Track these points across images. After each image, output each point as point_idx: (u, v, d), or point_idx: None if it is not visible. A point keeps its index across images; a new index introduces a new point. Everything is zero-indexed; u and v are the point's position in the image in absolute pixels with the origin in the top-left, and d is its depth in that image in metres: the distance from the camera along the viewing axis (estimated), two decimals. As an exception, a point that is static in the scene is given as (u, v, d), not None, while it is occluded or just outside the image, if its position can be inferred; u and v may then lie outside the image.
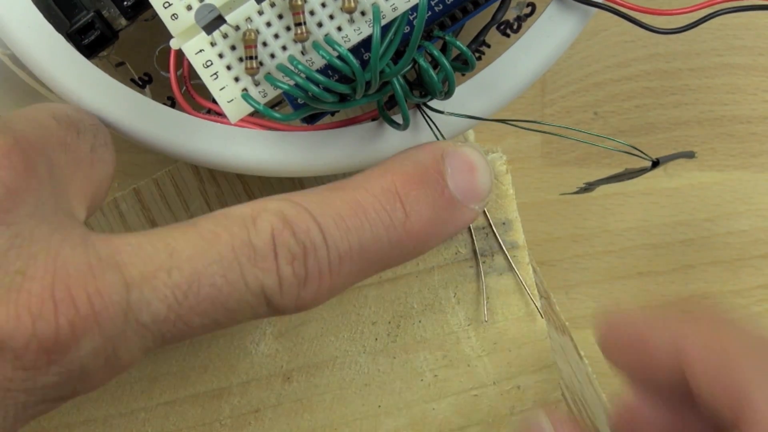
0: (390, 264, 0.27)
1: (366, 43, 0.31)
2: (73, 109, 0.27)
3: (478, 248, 0.36)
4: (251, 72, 0.29)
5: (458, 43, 0.32)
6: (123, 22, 0.32)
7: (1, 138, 0.22)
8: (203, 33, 0.28)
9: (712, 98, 0.43)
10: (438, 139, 0.34)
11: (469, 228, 0.36)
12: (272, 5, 0.29)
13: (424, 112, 0.34)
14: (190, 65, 0.29)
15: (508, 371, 0.36)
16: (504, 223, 0.37)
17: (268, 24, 0.29)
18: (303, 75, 0.29)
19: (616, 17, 0.43)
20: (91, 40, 0.31)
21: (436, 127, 0.34)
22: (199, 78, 0.28)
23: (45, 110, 0.25)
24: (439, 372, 0.36)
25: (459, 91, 0.34)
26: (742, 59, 0.43)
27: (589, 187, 0.37)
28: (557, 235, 0.44)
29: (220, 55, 0.28)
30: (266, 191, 0.40)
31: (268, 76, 0.29)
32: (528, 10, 0.36)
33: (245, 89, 0.29)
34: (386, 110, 0.33)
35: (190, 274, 0.22)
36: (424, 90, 0.33)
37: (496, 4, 0.34)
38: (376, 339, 0.35)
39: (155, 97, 0.33)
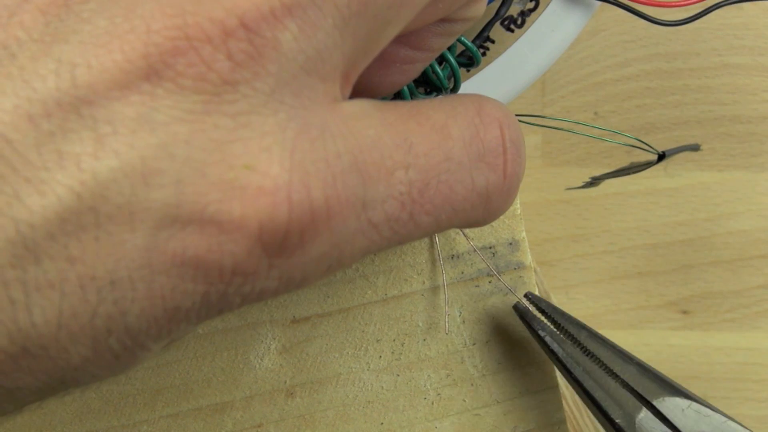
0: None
1: (372, 42, 0.31)
2: None
3: (483, 268, 0.36)
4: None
5: (464, 39, 0.32)
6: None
7: (221, 13, 0.18)
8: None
9: (712, 98, 0.43)
10: None
11: (475, 248, 0.36)
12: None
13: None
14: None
15: (511, 391, 0.36)
16: (511, 243, 0.36)
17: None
18: None
19: (616, 17, 0.43)
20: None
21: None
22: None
23: None
24: (443, 391, 0.36)
25: (464, 87, 0.34)
26: (742, 59, 0.43)
27: (594, 182, 0.37)
28: (557, 235, 0.44)
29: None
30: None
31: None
32: (531, 5, 0.36)
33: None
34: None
35: (426, 170, 0.21)
36: (429, 87, 0.33)
37: (500, 0, 0.34)
38: (380, 356, 0.35)
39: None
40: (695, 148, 0.37)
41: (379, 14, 0.20)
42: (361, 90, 0.25)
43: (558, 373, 0.36)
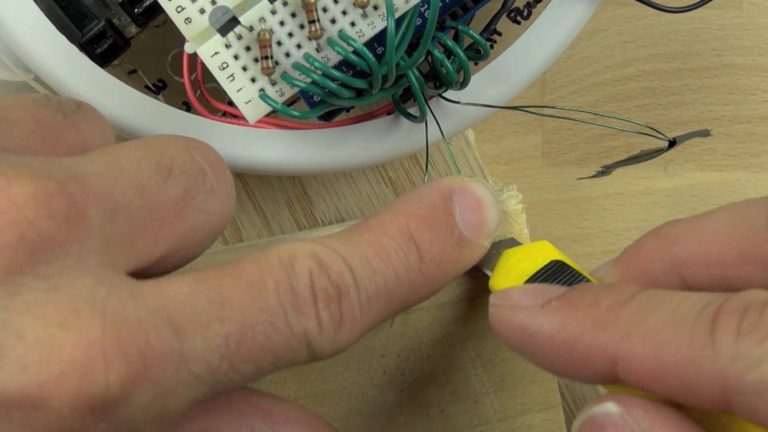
0: (407, 305, 0.27)
1: (378, 38, 0.31)
2: (181, 146, 0.24)
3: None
4: (267, 72, 0.28)
5: (471, 32, 0.32)
6: (134, 29, 0.32)
7: (43, 182, 0.20)
8: (218, 35, 0.28)
9: (712, 98, 0.43)
10: (442, 133, 0.34)
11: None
12: (285, 4, 0.29)
13: (431, 107, 0.34)
14: (203, 69, 0.29)
15: (514, 409, 0.36)
16: None
17: (282, 23, 0.29)
18: (319, 72, 0.29)
19: (616, 17, 0.43)
20: (103, 49, 0.32)
21: (438, 123, 0.34)
22: (214, 81, 0.28)
23: (132, 149, 0.23)
24: (446, 407, 0.35)
25: (473, 80, 0.34)
26: (742, 59, 0.43)
27: (606, 170, 0.37)
28: (557, 235, 0.44)
29: (236, 57, 0.28)
30: (266, 191, 0.39)
31: (285, 75, 0.29)
32: (538, -5, 0.36)
33: (262, 89, 0.29)
34: (401, 104, 0.33)
35: (242, 323, 0.22)
36: (438, 81, 0.33)
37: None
38: (385, 371, 0.35)
39: (169, 103, 0.33)
40: (705, 134, 0.37)
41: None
42: None
43: (560, 393, 0.36)
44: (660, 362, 0.22)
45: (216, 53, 0.28)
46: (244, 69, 0.29)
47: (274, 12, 0.29)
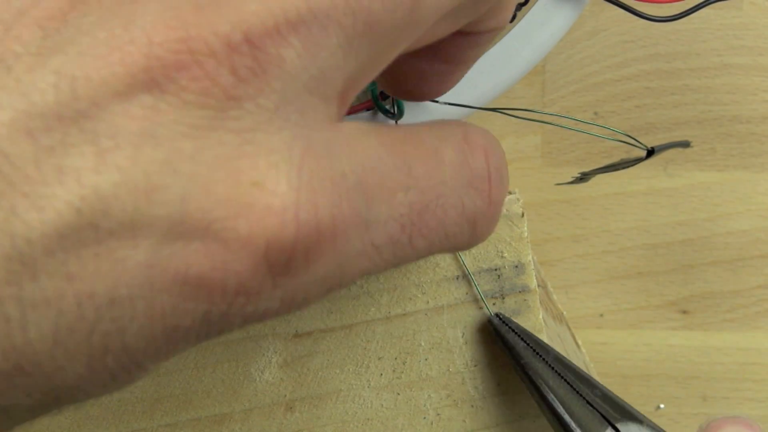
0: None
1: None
2: None
3: (488, 290, 0.36)
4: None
5: None
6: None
7: (225, 27, 0.18)
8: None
9: (712, 98, 0.43)
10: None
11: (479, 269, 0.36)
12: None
13: (403, 106, 0.34)
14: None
15: (510, 415, 0.36)
16: (516, 267, 0.36)
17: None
18: None
19: (616, 17, 0.43)
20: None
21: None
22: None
23: None
24: (443, 411, 0.36)
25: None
26: (742, 59, 0.43)
27: (584, 177, 0.37)
28: (557, 235, 0.44)
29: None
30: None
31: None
32: (522, -1, 0.36)
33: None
34: (381, 100, 0.33)
35: (424, 193, 0.21)
36: None
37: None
38: (381, 374, 0.35)
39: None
40: (685, 144, 0.37)
41: (384, 35, 0.20)
42: (402, 96, 0.26)
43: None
44: None
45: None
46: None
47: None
